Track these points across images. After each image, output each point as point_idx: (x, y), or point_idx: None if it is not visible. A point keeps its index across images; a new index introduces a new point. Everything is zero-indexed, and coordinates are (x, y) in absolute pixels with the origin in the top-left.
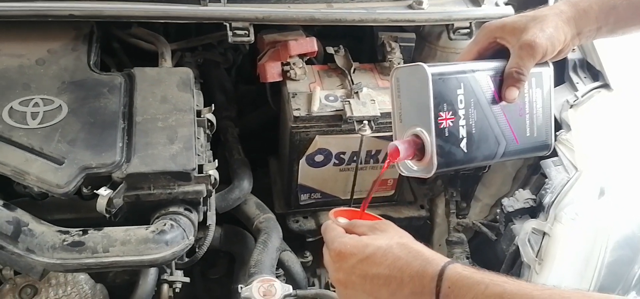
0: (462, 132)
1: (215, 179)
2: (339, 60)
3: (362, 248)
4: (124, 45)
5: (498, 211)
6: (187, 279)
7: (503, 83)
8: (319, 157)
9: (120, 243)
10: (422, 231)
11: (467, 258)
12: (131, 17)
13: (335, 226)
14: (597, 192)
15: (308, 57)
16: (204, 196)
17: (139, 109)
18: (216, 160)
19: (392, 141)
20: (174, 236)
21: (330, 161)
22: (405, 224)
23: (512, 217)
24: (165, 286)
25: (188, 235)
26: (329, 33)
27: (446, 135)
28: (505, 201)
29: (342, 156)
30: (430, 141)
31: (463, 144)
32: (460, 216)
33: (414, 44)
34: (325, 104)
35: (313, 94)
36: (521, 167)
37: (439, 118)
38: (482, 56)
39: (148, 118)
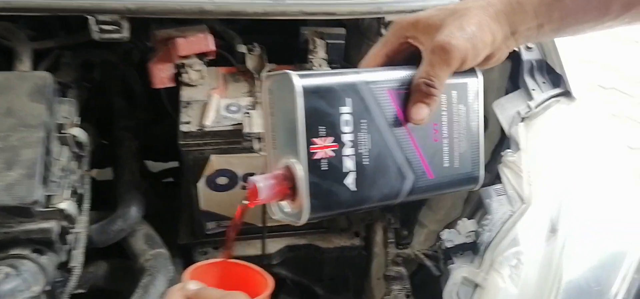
0: (349, 164)
1: (68, 213)
2: (250, 62)
3: None
4: None
5: (437, 244)
6: None
7: (409, 98)
8: (222, 180)
9: None
10: (358, 263)
11: (407, 297)
12: None
13: (175, 297)
14: (547, 231)
15: (210, 57)
16: (58, 234)
17: None
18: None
19: (260, 174)
20: (9, 287)
21: (237, 184)
22: (337, 255)
23: (452, 254)
24: None
25: (32, 285)
26: (264, 29)
27: (324, 169)
28: (444, 234)
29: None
30: (301, 176)
31: (350, 181)
32: (400, 246)
33: (343, 41)
34: (224, 116)
35: (208, 103)
36: None
37: (313, 146)
38: (392, 61)
39: None
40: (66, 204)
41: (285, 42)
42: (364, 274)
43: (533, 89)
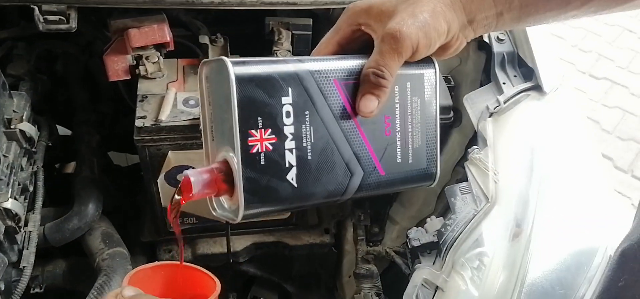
0: (290, 158)
1: (14, 212)
2: (213, 54)
3: None
4: None
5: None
6: None
7: (358, 89)
8: (182, 177)
9: None
10: (329, 260)
11: (378, 295)
12: None
13: None
14: (511, 231)
15: (169, 49)
16: (3, 233)
17: None
18: (19, 186)
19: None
20: None
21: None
22: (307, 253)
23: (419, 253)
24: None
25: None
26: (234, 20)
27: (262, 163)
28: (411, 233)
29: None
30: (236, 170)
31: (291, 176)
32: (371, 244)
33: (310, 32)
34: (181, 111)
35: (165, 97)
36: (448, 183)
37: (250, 138)
38: (344, 50)
39: None
40: (11, 203)
41: (254, 33)
42: (335, 272)
43: (504, 83)
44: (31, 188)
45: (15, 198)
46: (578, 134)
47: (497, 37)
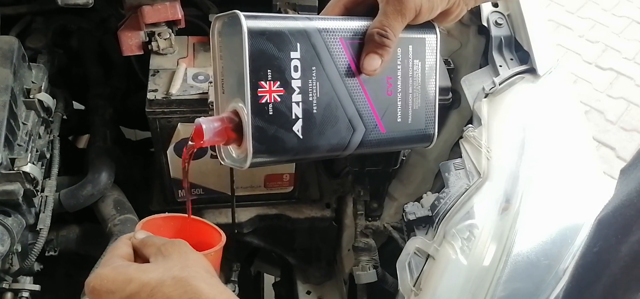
0: (297, 111)
1: (33, 176)
2: None
3: (123, 283)
4: None
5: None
6: (37, 287)
7: (363, 49)
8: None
9: None
10: (329, 234)
11: (375, 267)
12: None
13: (120, 245)
14: (500, 205)
15: (180, 26)
16: (22, 196)
17: None
18: (37, 152)
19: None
20: None
21: (207, 153)
22: (308, 226)
23: (415, 227)
24: (9, 295)
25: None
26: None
27: (270, 113)
28: (407, 207)
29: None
30: (246, 119)
31: (297, 128)
32: (370, 218)
33: (316, 13)
34: (191, 85)
35: (176, 72)
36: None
37: (260, 89)
38: (350, 12)
39: None
40: (30, 167)
41: (262, 11)
42: (335, 245)
43: (500, 66)
44: (48, 156)
45: (33, 163)
46: (569, 116)
47: (496, 22)
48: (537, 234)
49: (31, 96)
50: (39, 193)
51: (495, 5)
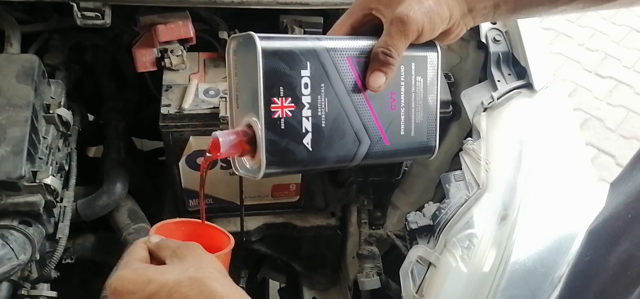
0: (307, 125)
1: (53, 188)
2: None
3: (143, 284)
4: None
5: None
6: (54, 294)
7: (368, 67)
8: (202, 160)
9: None
10: (334, 242)
11: (379, 274)
12: None
13: (136, 248)
14: (499, 215)
15: (192, 43)
16: (43, 207)
17: None
18: (56, 164)
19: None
20: None
21: (217, 164)
22: (314, 234)
23: (417, 236)
24: None
25: (19, 253)
26: (249, 14)
27: (282, 127)
28: (409, 216)
29: (229, 159)
30: (260, 133)
31: (307, 141)
32: (373, 227)
33: (321, 29)
34: (202, 100)
35: (188, 88)
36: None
37: (273, 105)
38: (356, 32)
39: None
40: (51, 180)
41: (269, 28)
42: (340, 253)
43: (498, 80)
44: (66, 168)
45: (53, 175)
46: (564, 129)
47: (494, 38)
48: (534, 243)
49: (51, 111)
50: (58, 204)
51: (494, 22)
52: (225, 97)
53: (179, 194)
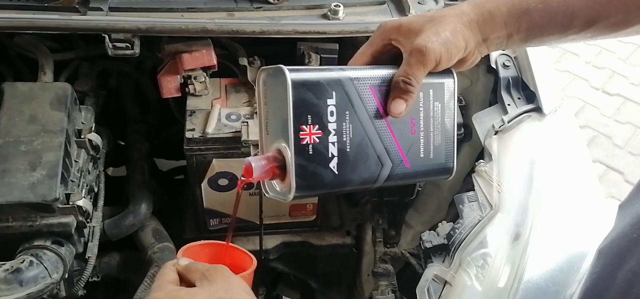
0: (333, 150)
1: (85, 209)
2: (251, 74)
3: None
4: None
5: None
6: None
7: (389, 94)
8: (223, 181)
9: None
10: (350, 259)
11: (394, 292)
12: None
13: (167, 271)
14: (512, 235)
15: (213, 70)
16: (75, 227)
17: (1, 131)
18: (87, 187)
19: (257, 155)
20: (32, 274)
21: (237, 185)
22: (329, 253)
23: (431, 254)
24: None
25: (52, 272)
26: (266, 41)
27: (310, 153)
28: (424, 235)
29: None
30: (290, 159)
31: (333, 165)
32: (388, 245)
33: (336, 55)
34: (225, 124)
35: (211, 112)
36: (459, 192)
37: (301, 132)
38: (377, 60)
39: (10, 141)
40: (83, 202)
41: (286, 54)
42: (355, 271)
43: (508, 104)
44: (95, 189)
45: (85, 198)
46: (573, 151)
47: (503, 64)
48: (546, 262)
49: (82, 136)
50: (88, 224)
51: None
52: (247, 122)
53: (201, 214)
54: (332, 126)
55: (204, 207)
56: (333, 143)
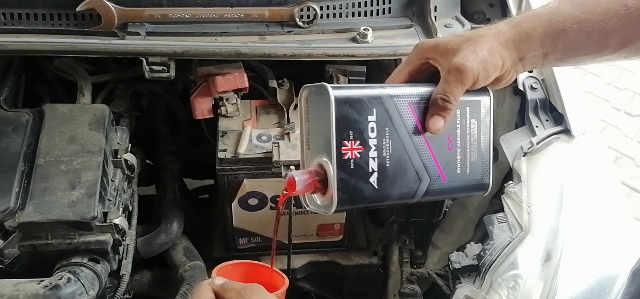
0: (373, 165)
1: (121, 227)
2: (281, 96)
3: None
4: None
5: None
6: None
7: (428, 111)
8: (253, 201)
9: None
10: (376, 279)
11: None
12: (35, 51)
13: (203, 290)
14: (543, 256)
15: (244, 92)
16: (111, 245)
17: (42, 150)
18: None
19: (298, 169)
20: (70, 291)
21: (266, 205)
22: (356, 272)
23: (460, 275)
24: None
25: (89, 289)
26: (296, 63)
27: (351, 168)
28: (453, 256)
29: (278, 199)
30: (332, 173)
31: (373, 179)
32: (415, 266)
33: (364, 78)
34: (256, 145)
35: (242, 133)
36: (486, 213)
37: (343, 148)
38: (414, 79)
39: (51, 161)
40: (119, 220)
41: (313, 75)
42: (382, 291)
43: (536, 126)
44: (130, 208)
45: (121, 216)
46: (602, 173)
47: (531, 86)
48: (578, 284)
49: (118, 156)
50: (123, 242)
51: (530, 70)
52: (278, 143)
53: (230, 233)
54: (372, 142)
55: (234, 226)
56: (373, 158)
